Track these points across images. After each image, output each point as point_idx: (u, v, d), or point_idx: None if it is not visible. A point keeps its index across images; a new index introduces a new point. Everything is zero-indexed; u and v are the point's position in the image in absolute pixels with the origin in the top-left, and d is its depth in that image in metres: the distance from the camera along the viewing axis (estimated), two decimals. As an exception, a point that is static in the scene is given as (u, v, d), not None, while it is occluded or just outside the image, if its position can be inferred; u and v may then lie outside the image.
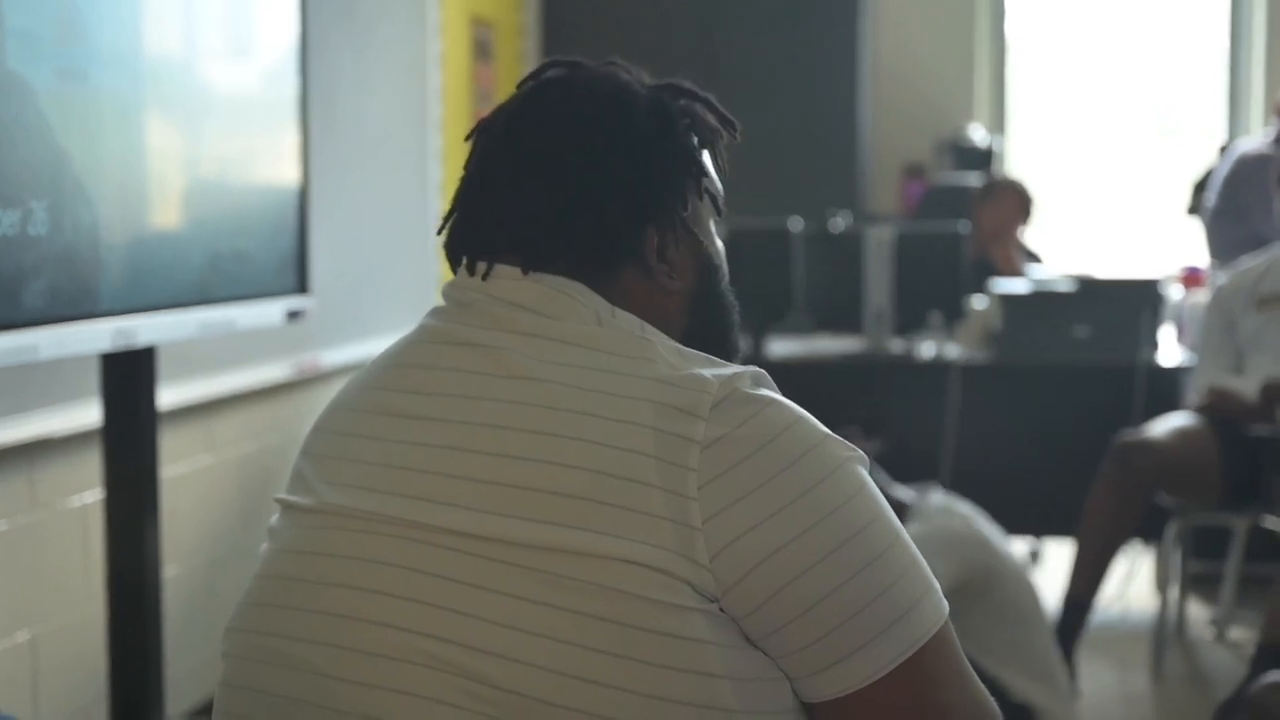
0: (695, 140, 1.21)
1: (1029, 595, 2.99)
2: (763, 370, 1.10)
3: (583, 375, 1.08)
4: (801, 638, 1.03)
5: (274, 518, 1.19)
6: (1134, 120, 6.78)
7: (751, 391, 1.07)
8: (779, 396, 1.08)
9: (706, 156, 1.23)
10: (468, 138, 1.24)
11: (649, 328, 1.14)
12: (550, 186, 1.16)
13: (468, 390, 1.11)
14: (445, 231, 1.22)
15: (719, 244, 1.25)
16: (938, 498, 3.17)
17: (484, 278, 1.16)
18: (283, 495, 1.19)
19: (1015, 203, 5.17)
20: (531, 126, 1.20)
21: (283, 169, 2.78)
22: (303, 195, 2.82)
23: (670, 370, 1.08)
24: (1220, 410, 3.74)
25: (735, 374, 1.08)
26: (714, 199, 1.22)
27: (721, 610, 1.03)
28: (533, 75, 1.24)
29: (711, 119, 1.23)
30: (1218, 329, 3.84)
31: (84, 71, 2.17)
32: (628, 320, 1.14)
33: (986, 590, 2.91)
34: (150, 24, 2.37)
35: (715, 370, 1.08)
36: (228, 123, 2.62)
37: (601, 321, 1.13)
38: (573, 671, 1.01)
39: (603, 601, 1.01)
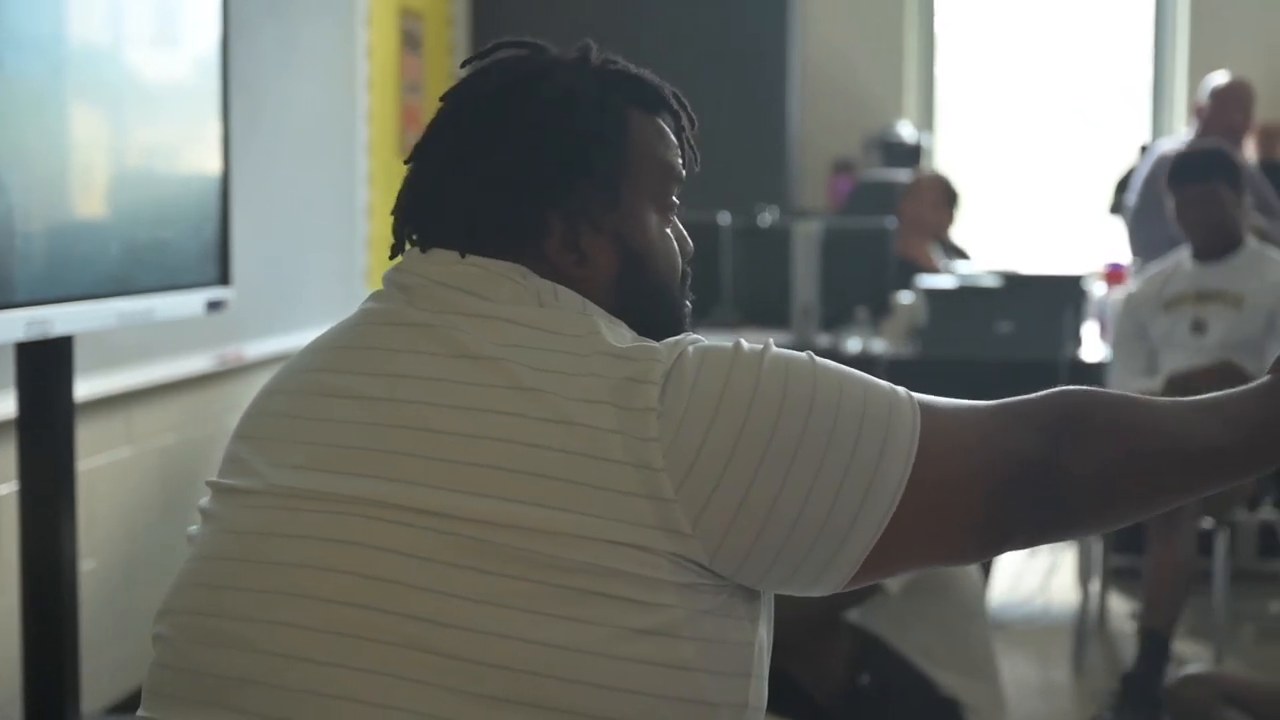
0: (604, 131, 1.17)
1: (977, 593, 3.02)
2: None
3: (534, 355, 1.09)
4: (800, 550, 1.05)
5: (204, 500, 1.18)
6: (1060, 119, 6.86)
7: (694, 349, 1.08)
8: (705, 342, 1.10)
9: (623, 147, 1.18)
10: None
11: (590, 305, 1.14)
12: (447, 175, 1.18)
13: (419, 371, 1.11)
14: (395, 208, 1.23)
15: (658, 234, 1.20)
16: None
17: (415, 259, 1.17)
18: (216, 478, 1.17)
19: (933, 197, 5.20)
20: (442, 113, 1.21)
21: (205, 159, 2.77)
22: (224, 186, 2.80)
23: (618, 343, 1.09)
24: None
25: (677, 340, 1.10)
26: (613, 192, 1.16)
27: (710, 570, 1.04)
28: (481, 54, 1.24)
29: (670, 110, 1.21)
30: (1129, 335, 3.96)
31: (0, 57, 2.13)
32: (570, 298, 1.14)
33: (936, 585, 2.93)
34: (73, 11, 2.35)
35: (659, 342, 1.10)
36: (151, 112, 2.60)
37: (543, 303, 1.13)
38: (533, 637, 1.02)
39: (568, 574, 1.02)
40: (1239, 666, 3.80)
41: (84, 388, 2.73)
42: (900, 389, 1.09)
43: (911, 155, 5.96)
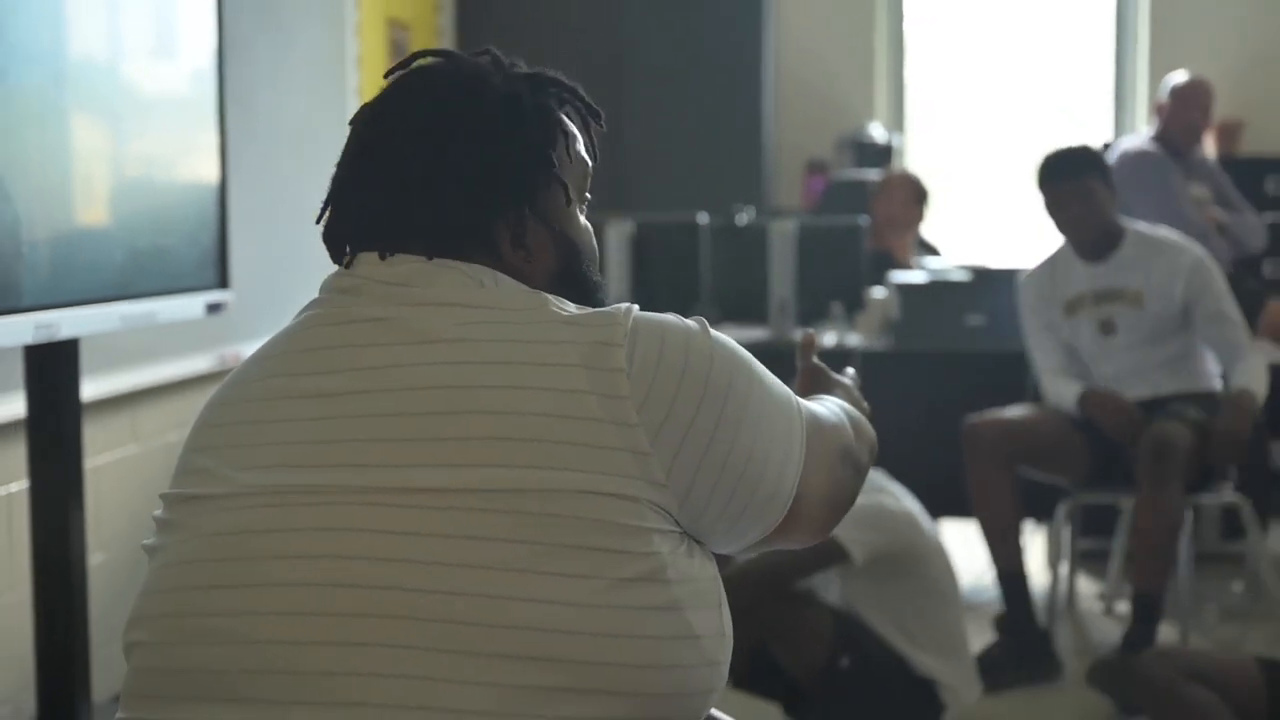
0: (550, 133, 1.24)
1: (948, 574, 3.06)
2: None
3: (493, 329, 1.13)
4: (743, 500, 1.16)
5: (159, 512, 1.19)
6: (1027, 117, 6.97)
7: (644, 316, 1.17)
8: (639, 310, 1.20)
9: (565, 147, 1.25)
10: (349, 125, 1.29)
11: (526, 287, 1.21)
12: (397, 182, 1.21)
13: (385, 361, 1.14)
14: (322, 221, 1.27)
15: (583, 226, 1.29)
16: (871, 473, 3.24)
17: (347, 265, 1.22)
18: (175, 490, 1.19)
19: (905, 194, 5.30)
20: (384, 120, 1.24)
21: (203, 167, 2.80)
22: (222, 193, 2.85)
23: (573, 311, 1.16)
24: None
25: (616, 306, 1.18)
26: (565, 190, 1.25)
27: (676, 520, 1.13)
28: (401, 65, 1.27)
29: (576, 110, 1.28)
30: (1038, 329, 3.99)
31: (2, 70, 2.17)
32: (508, 281, 1.20)
33: (911, 567, 2.97)
34: (73, 24, 2.38)
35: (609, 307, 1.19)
36: (149, 122, 2.64)
37: (484, 286, 1.18)
38: (533, 595, 1.06)
39: (559, 531, 1.07)
40: (1203, 644, 3.87)
41: (90, 388, 2.77)
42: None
43: (882, 155, 6.04)
